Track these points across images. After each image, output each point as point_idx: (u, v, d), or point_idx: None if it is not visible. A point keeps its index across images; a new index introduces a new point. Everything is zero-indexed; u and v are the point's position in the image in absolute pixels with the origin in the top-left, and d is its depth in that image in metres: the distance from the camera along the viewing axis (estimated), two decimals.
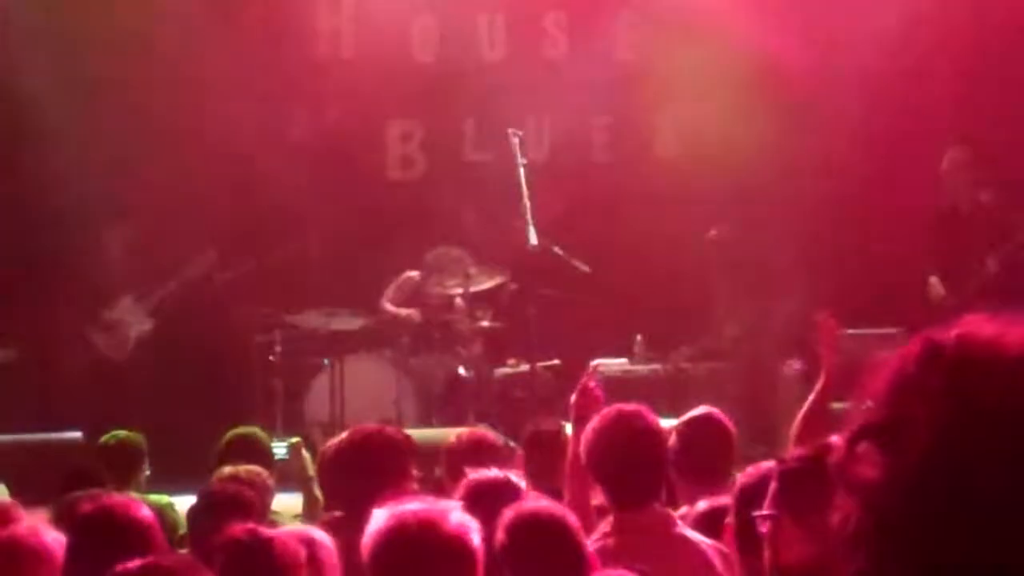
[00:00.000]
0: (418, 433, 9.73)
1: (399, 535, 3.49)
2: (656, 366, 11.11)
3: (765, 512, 3.79)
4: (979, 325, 1.54)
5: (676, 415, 6.24)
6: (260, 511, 5.31)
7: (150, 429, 8.00)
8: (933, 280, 10.67)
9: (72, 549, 4.19)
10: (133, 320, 11.41)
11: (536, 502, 4.45)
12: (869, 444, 1.52)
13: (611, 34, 12.79)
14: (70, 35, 11.74)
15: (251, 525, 4.08)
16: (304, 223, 11.36)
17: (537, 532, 4.17)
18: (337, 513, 5.45)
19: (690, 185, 11.98)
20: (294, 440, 7.97)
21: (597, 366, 8.83)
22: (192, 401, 11.13)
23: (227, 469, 6.07)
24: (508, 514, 4.24)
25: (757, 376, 11.05)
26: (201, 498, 5.21)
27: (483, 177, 12.06)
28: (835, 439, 3.82)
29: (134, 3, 11.88)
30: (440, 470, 6.41)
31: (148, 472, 7.25)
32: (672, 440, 5.51)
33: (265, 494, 5.83)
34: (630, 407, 5.18)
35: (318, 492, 6.56)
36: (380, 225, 12.09)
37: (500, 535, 4.17)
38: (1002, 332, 1.53)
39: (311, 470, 6.85)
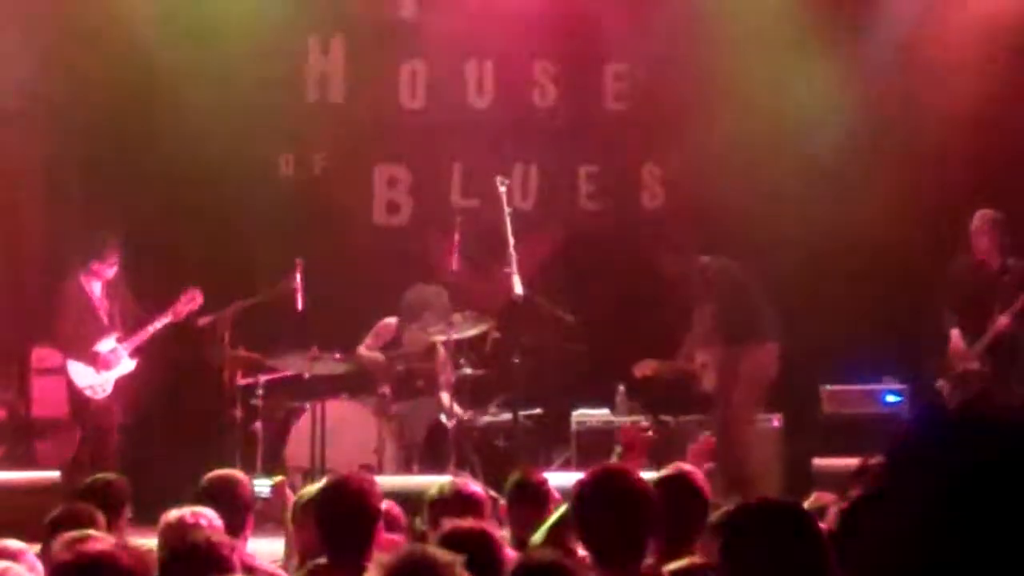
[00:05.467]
0: (399, 481, 9.75)
1: None
2: (638, 417, 11.10)
3: None
4: (981, 398, 1.56)
5: (656, 467, 6.23)
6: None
7: (129, 470, 7.96)
8: (954, 333, 10.71)
9: None
10: (117, 360, 11.34)
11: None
12: (873, 508, 1.54)
13: (599, 84, 12.85)
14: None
15: None
16: (289, 266, 11.34)
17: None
18: (321, 560, 5.43)
19: (675, 235, 12.01)
20: (278, 479, 7.91)
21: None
22: (172, 443, 11.08)
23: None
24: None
25: (733, 430, 10.98)
26: (170, 553, 5.13)
27: (469, 223, 12.08)
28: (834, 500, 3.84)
29: (123, 40, 11.90)
30: (421, 520, 6.38)
31: (130, 515, 7.20)
32: None
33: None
34: (619, 466, 5.21)
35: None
36: (366, 269, 12.09)
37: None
38: (1004, 407, 1.54)
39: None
